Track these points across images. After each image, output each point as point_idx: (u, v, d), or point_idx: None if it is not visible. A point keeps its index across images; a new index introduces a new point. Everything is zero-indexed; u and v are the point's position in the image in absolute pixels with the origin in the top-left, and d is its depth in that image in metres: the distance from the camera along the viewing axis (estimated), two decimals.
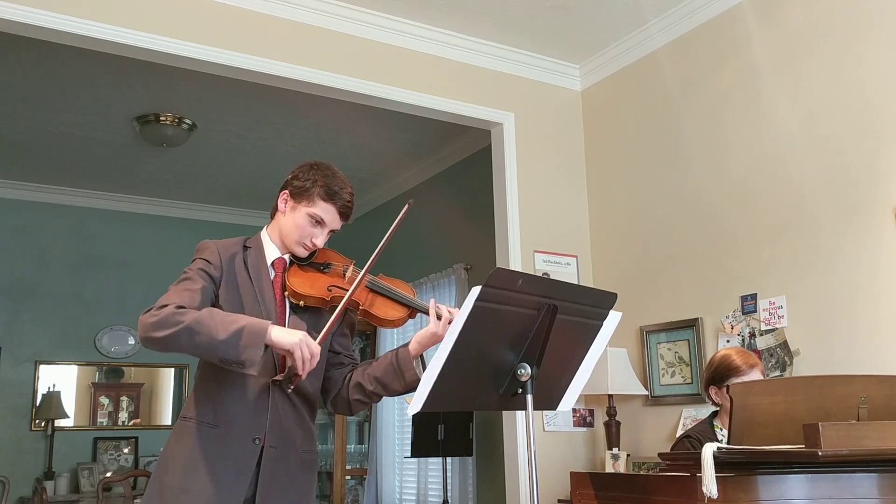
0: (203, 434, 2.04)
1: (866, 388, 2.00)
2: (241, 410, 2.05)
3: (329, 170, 2.21)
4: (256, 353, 1.88)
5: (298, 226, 2.17)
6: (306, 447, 2.17)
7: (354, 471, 6.40)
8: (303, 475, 2.16)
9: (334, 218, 2.20)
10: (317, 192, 2.16)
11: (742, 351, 2.83)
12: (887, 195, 3.03)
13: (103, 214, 6.79)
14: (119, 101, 4.94)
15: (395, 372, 2.15)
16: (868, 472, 1.86)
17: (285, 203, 2.20)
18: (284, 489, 2.09)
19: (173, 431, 2.12)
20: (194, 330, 1.89)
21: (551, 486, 3.88)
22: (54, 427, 6.28)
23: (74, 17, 3.29)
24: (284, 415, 2.10)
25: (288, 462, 2.10)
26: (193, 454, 2.03)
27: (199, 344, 1.90)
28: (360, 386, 2.20)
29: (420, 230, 6.14)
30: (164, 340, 1.92)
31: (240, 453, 2.03)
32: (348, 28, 3.93)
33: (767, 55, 3.56)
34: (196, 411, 2.08)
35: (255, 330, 1.90)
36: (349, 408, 2.26)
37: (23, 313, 6.39)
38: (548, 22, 4.05)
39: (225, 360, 1.90)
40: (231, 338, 1.88)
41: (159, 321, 1.92)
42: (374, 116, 4.95)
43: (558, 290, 1.85)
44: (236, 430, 2.04)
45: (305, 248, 2.19)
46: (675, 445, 2.76)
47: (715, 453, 1.77)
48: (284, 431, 2.10)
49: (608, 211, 4.35)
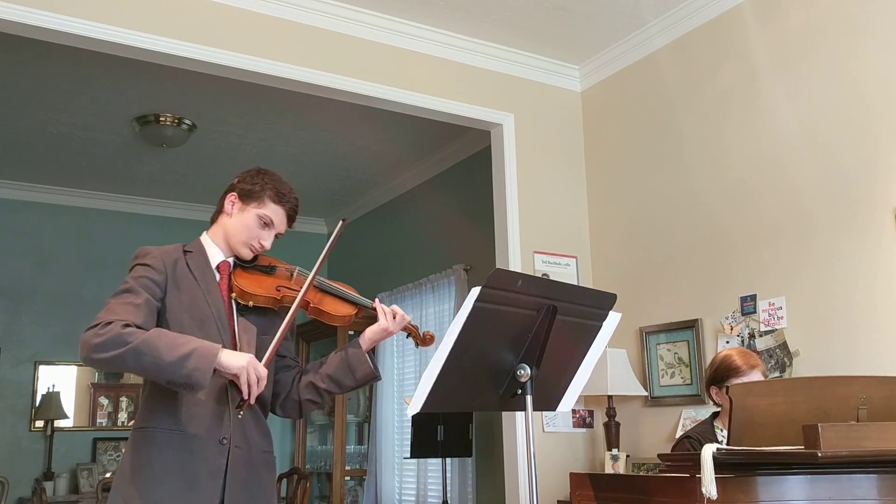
0: (169, 440, 2.01)
1: (866, 388, 2.00)
2: (203, 413, 2.04)
3: (276, 175, 2.29)
4: (205, 377, 1.88)
5: (247, 226, 2.20)
6: (265, 447, 2.18)
7: (354, 471, 6.40)
8: (266, 475, 2.17)
9: (282, 220, 2.25)
10: (267, 194, 2.23)
11: (743, 351, 2.83)
12: (886, 196, 3.03)
13: (103, 215, 6.79)
14: (118, 101, 4.94)
15: (347, 368, 2.21)
16: (867, 473, 1.86)
17: (232, 205, 2.23)
18: (252, 489, 2.09)
19: (130, 444, 2.06)
20: (141, 351, 1.87)
21: (551, 486, 3.88)
22: (54, 427, 6.28)
23: (74, 17, 3.29)
24: (243, 416, 2.09)
25: (253, 463, 2.11)
26: (161, 462, 1.99)
27: (145, 366, 1.89)
28: (313, 385, 2.23)
29: (420, 231, 6.15)
30: (107, 362, 1.89)
31: (210, 455, 2.01)
32: (348, 29, 3.93)
33: (766, 56, 3.56)
34: (155, 419, 2.04)
35: (204, 353, 1.89)
36: (299, 410, 2.27)
37: (22, 313, 6.39)
38: (548, 23, 4.06)
39: (172, 382, 1.89)
40: (179, 361, 1.86)
41: (105, 342, 1.88)
42: (373, 117, 4.95)
43: (558, 291, 1.85)
44: (202, 432, 2.02)
45: (252, 250, 2.22)
46: (676, 446, 2.76)
47: (714, 454, 1.77)
48: (245, 432, 2.10)
49: (608, 212, 4.36)
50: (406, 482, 5.87)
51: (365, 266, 6.78)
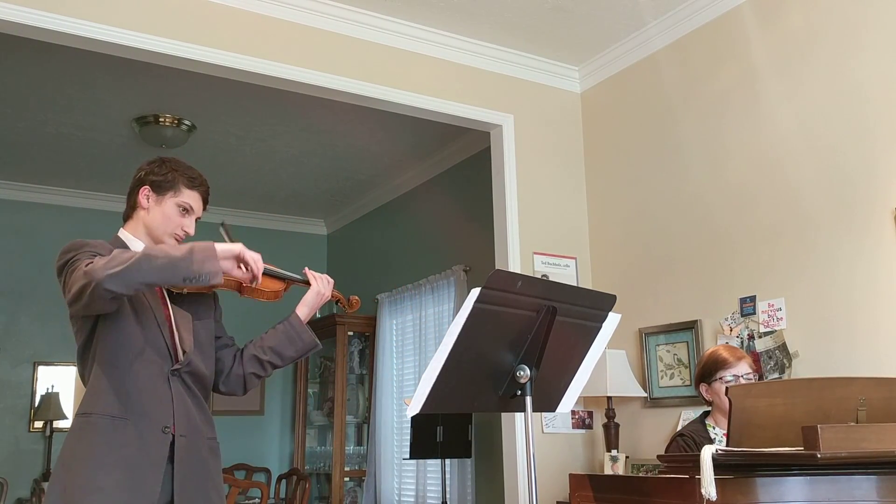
0: (111, 427, 2.00)
1: (865, 390, 2.00)
2: (147, 400, 2.05)
3: (182, 162, 2.30)
4: (215, 265, 1.93)
5: (168, 216, 2.22)
6: (210, 434, 2.20)
7: (353, 472, 6.40)
8: (213, 461, 2.19)
9: (199, 204, 2.30)
10: (181, 181, 2.24)
11: (729, 346, 2.88)
12: (886, 197, 3.03)
13: (102, 215, 6.77)
14: (118, 101, 4.94)
15: (288, 338, 2.27)
16: (867, 475, 1.86)
17: (147, 199, 2.24)
18: (199, 477, 2.10)
19: (73, 430, 2.05)
20: (152, 255, 1.90)
21: (550, 487, 3.88)
22: (53, 428, 6.28)
23: (73, 17, 3.29)
24: (186, 403, 2.12)
25: (199, 450, 2.12)
26: (103, 449, 1.98)
27: (161, 266, 1.89)
28: (255, 358, 2.28)
29: (419, 232, 6.15)
30: (125, 273, 1.86)
31: (152, 444, 2.02)
32: (348, 30, 3.93)
33: (766, 58, 3.56)
34: (99, 405, 2.03)
35: (203, 247, 1.94)
36: (243, 384, 2.31)
37: (21, 314, 6.38)
38: (547, 24, 4.06)
39: (188, 277, 1.91)
40: (187, 255, 1.91)
41: (110, 260, 1.89)
42: (373, 118, 4.95)
43: (557, 292, 1.85)
44: (146, 419, 2.03)
45: (177, 238, 2.25)
46: (669, 445, 2.77)
47: (714, 455, 1.77)
48: (190, 420, 2.12)
49: (607, 213, 4.36)
50: (405, 483, 5.87)
51: (364, 267, 6.78)
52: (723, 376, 2.68)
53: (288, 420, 7.30)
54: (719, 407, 2.71)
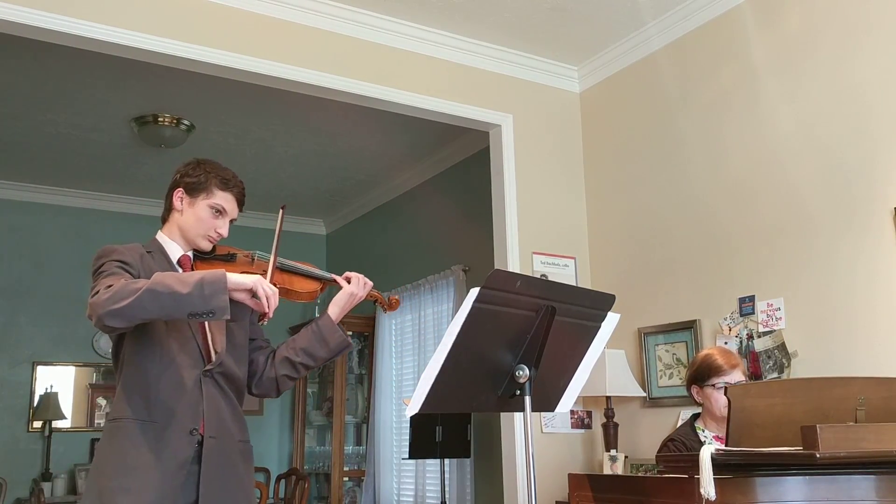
0: (139, 430, 2.03)
1: (864, 389, 2.00)
2: (176, 403, 2.05)
3: (216, 163, 2.28)
4: (223, 300, 1.88)
5: (201, 219, 2.21)
6: (242, 437, 2.20)
7: (352, 472, 6.40)
8: (243, 464, 2.18)
9: (233, 206, 2.27)
10: (213, 183, 2.23)
11: (724, 350, 2.85)
12: (885, 197, 3.03)
13: (101, 215, 6.78)
14: (117, 101, 4.94)
15: (320, 339, 2.25)
16: (866, 474, 1.86)
17: (181, 200, 2.24)
18: (227, 480, 2.10)
19: (104, 435, 2.09)
20: (156, 291, 1.86)
21: (549, 487, 3.88)
22: (52, 428, 6.27)
23: (72, 17, 3.28)
24: (218, 405, 2.12)
25: (228, 453, 2.12)
26: (131, 452, 2.01)
27: (165, 304, 1.87)
28: (287, 360, 2.28)
29: (418, 232, 6.15)
30: (126, 309, 1.86)
31: (178, 446, 2.03)
32: (347, 29, 3.93)
33: (765, 58, 3.56)
34: (129, 409, 2.06)
35: (213, 279, 1.89)
36: (276, 387, 2.31)
37: (20, 314, 6.38)
38: (546, 24, 4.06)
39: (194, 313, 1.89)
40: (195, 290, 1.86)
41: (114, 294, 1.88)
42: (372, 118, 4.95)
43: (556, 292, 1.85)
44: (174, 422, 2.04)
45: (210, 241, 2.25)
46: (660, 449, 2.77)
47: (713, 455, 1.77)
48: (221, 422, 2.12)
49: (606, 213, 4.36)
50: (404, 483, 5.87)
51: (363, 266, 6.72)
52: (715, 383, 2.68)
53: (287, 420, 7.29)
54: (709, 410, 2.71)
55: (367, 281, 2.34)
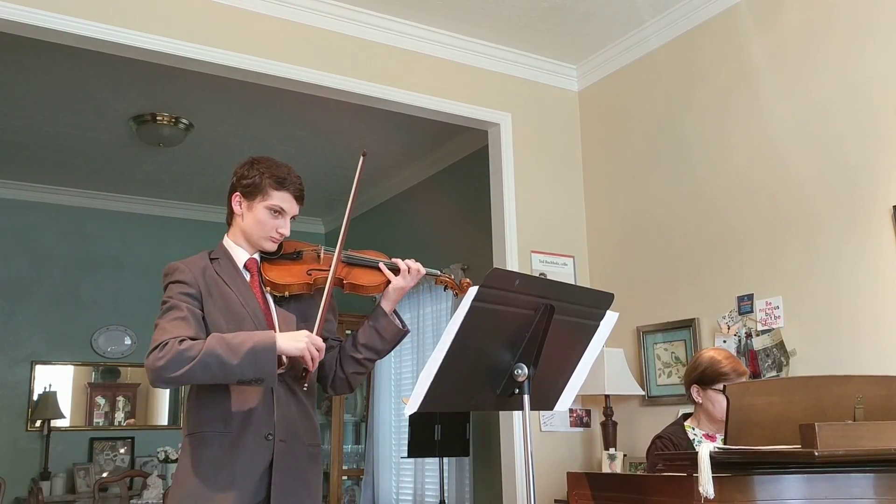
0: (217, 442, 2.06)
1: (862, 388, 2.01)
2: (249, 411, 2.08)
3: (270, 161, 2.27)
4: (273, 367, 1.96)
5: (260, 221, 2.21)
6: (311, 440, 2.21)
7: (351, 471, 6.39)
8: (311, 469, 2.20)
9: (292, 204, 2.26)
10: (267, 183, 2.22)
11: (730, 356, 2.77)
12: (885, 195, 3.03)
13: (100, 214, 6.78)
14: (115, 100, 4.94)
15: (376, 332, 2.27)
16: (864, 473, 1.86)
17: (240, 205, 2.25)
18: (296, 483, 2.12)
19: (182, 450, 2.14)
20: (207, 363, 1.94)
21: (548, 486, 3.88)
22: (50, 427, 6.27)
23: (70, 16, 3.28)
24: (289, 409, 2.14)
25: (297, 456, 2.14)
26: (211, 463, 2.05)
27: (215, 374, 1.96)
28: (352, 358, 2.30)
29: (417, 230, 6.14)
30: (180, 378, 1.95)
31: (256, 451, 2.06)
32: (345, 28, 3.92)
33: (765, 55, 3.56)
34: (202, 424, 2.10)
35: (264, 346, 1.96)
36: (349, 384, 2.33)
37: (19, 313, 6.37)
38: (545, 23, 4.06)
39: (243, 381, 1.97)
40: (244, 360, 1.94)
41: (169, 361, 1.94)
42: (370, 116, 4.94)
43: (555, 291, 1.85)
44: (249, 429, 2.07)
45: (273, 241, 2.25)
46: (650, 446, 2.78)
47: (712, 453, 1.77)
48: (291, 426, 2.14)
49: (605, 211, 4.36)
50: (403, 482, 5.87)
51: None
52: (720, 388, 2.66)
53: None
54: (707, 411, 2.69)
55: (418, 268, 2.33)
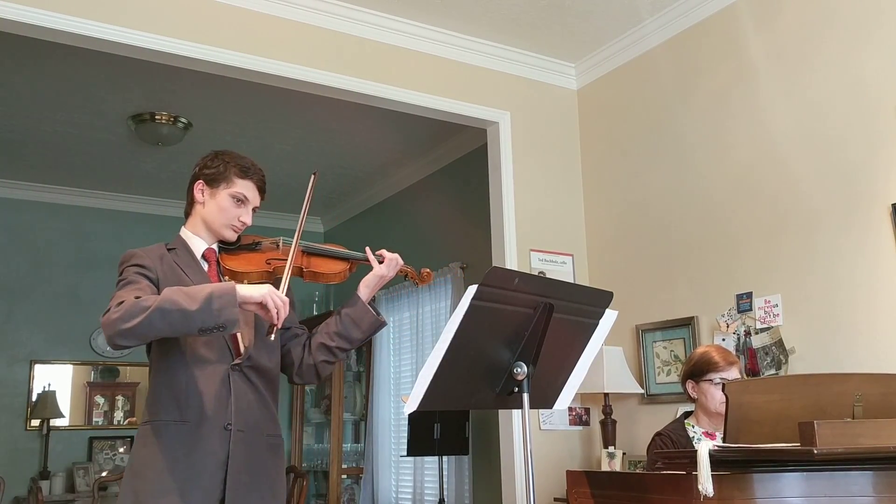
0: (174, 432, 2.04)
1: (862, 386, 2.01)
2: (206, 401, 2.06)
3: (235, 153, 2.30)
4: (234, 313, 1.90)
5: (223, 209, 2.23)
6: (272, 431, 2.20)
7: (350, 470, 6.40)
8: (271, 459, 2.18)
9: (254, 193, 2.28)
10: (232, 172, 2.25)
11: (721, 349, 2.87)
12: (885, 193, 3.03)
13: (99, 213, 6.78)
14: (114, 100, 4.93)
15: (352, 321, 2.27)
16: (863, 471, 1.86)
17: (202, 192, 2.26)
18: (254, 474, 2.10)
19: (138, 438, 2.10)
20: (165, 309, 1.88)
21: (547, 484, 3.88)
22: (50, 426, 6.27)
23: (69, 15, 3.28)
24: (247, 400, 2.12)
25: (256, 446, 2.12)
26: (168, 454, 2.02)
27: (174, 321, 1.89)
28: (323, 345, 2.28)
29: (416, 229, 6.14)
30: (137, 328, 1.88)
31: (215, 442, 2.04)
32: (344, 27, 3.92)
33: (764, 53, 3.56)
34: (160, 412, 2.07)
35: (223, 292, 1.91)
36: (316, 373, 2.32)
37: (18, 312, 6.37)
38: (544, 21, 4.05)
39: (204, 329, 1.90)
40: (204, 305, 1.88)
41: (125, 313, 1.89)
42: (369, 115, 4.94)
43: (554, 289, 1.85)
44: (207, 420, 2.05)
45: (235, 230, 2.25)
46: (650, 443, 2.79)
47: (711, 451, 1.77)
48: (249, 416, 2.12)
49: (604, 210, 4.36)
50: (403, 480, 5.87)
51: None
52: (712, 378, 2.70)
53: (285, 417, 7.29)
54: (703, 406, 2.73)
55: (396, 257, 2.37)
